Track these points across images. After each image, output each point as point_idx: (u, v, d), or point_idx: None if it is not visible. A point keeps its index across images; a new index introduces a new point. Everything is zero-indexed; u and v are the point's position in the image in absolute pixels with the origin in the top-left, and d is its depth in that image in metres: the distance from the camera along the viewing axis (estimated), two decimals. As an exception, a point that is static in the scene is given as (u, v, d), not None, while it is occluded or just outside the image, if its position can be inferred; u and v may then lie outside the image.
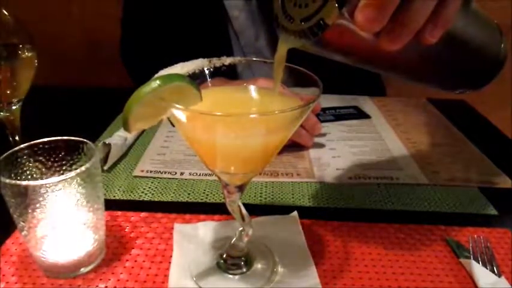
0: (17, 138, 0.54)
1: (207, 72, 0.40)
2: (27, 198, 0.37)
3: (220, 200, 0.54)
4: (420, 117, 0.81)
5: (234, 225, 0.42)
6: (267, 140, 0.35)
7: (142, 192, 0.56)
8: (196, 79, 0.38)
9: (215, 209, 0.51)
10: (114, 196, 0.55)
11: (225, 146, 0.36)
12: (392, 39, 0.32)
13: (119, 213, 0.51)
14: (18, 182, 0.36)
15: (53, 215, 0.39)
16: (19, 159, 0.41)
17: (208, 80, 0.40)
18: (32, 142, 0.42)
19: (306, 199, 0.55)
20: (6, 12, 0.51)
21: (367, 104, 0.86)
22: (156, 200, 0.54)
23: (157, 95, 0.32)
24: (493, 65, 0.43)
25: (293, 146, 0.66)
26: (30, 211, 0.38)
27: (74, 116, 0.81)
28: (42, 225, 0.39)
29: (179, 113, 0.33)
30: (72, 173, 0.37)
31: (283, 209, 0.51)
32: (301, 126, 0.66)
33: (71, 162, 0.43)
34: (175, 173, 0.60)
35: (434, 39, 0.34)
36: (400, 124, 0.77)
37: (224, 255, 0.44)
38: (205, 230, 0.48)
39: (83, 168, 0.38)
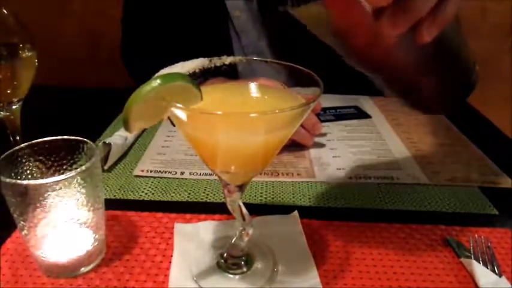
0: (17, 137, 0.54)
1: (207, 71, 0.40)
2: (27, 197, 0.37)
3: (220, 199, 0.54)
4: (420, 117, 0.80)
5: (234, 225, 0.42)
6: (268, 139, 0.35)
7: (143, 192, 0.56)
8: (197, 78, 0.38)
9: (215, 209, 0.51)
10: (115, 196, 0.55)
11: (225, 145, 0.36)
12: (393, 22, 0.33)
13: (119, 212, 0.51)
14: (18, 181, 0.36)
15: (53, 214, 0.39)
16: (19, 159, 0.41)
17: (209, 79, 0.40)
18: (32, 141, 0.42)
19: (306, 199, 0.55)
20: (6, 12, 0.51)
21: (367, 103, 0.86)
22: (157, 199, 0.54)
23: (157, 94, 0.32)
24: (465, 87, 0.45)
25: (293, 146, 0.66)
26: (30, 211, 0.38)
27: (74, 115, 0.80)
28: (43, 224, 0.39)
29: (180, 112, 0.33)
30: (73, 173, 0.37)
31: (283, 209, 0.51)
32: (302, 126, 0.66)
33: (71, 161, 0.43)
34: (176, 173, 0.60)
35: (430, 37, 0.34)
36: (401, 124, 0.77)
37: (224, 255, 0.44)
38: (205, 229, 0.48)
39: (83, 167, 0.38)
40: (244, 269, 0.43)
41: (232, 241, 0.43)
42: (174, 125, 0.67)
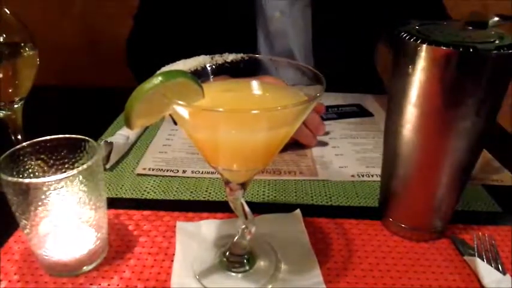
0: (19, 136, 0.54)
1: (209, 68, 0.40)
2: (29, 196, 0.37)
3: (222, 198, 0.54)
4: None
5: (236, 223, 0.42)
6: (270, 136, 0.35)
7: (145, 190, 0.56)
8: (199, 76, 0.38)
9: (218, 207, 0.51)
10: (117, 194, 0.55)
11: (227, 143, 0.35)
12: None
13: (121, 211, 0.51)
14: (20, 180, 0.36)
15: (55, 213, 0.39)
16: (21, 158, 0.41)
17: (211, 76, 0.40)
18: (34, 140, 0.42)
19: (308, 197, 0.55)
20: (7, 11, 0.51)
21: (370, 102, 0.86)
22: (159, 198, 0.54)
23: (159, 91, 0.32)
24: None
25: (296, 145, 0.66)
26: (32, 209, 0.38)
27: (76, 115, 0.81)
28: (45, 223, 0.39)
29: (181, 110, 0.33)
30: (74, 171, 0.37)
31: (286, 207, 0.51)
32: (306, 126, 0.65)
33: (73, 160, 0.43)
34: (178, 171, 0.60)
35: None
36: (403, 122, 0.77)
37: (227, 253, 0.43)
38: (207, 228, 0.48)
39: (85, 166, 0.38)
40: (247, 268, 0.43)
41: (235, 239, 0.43)
42: (175, 124, 0.67)
